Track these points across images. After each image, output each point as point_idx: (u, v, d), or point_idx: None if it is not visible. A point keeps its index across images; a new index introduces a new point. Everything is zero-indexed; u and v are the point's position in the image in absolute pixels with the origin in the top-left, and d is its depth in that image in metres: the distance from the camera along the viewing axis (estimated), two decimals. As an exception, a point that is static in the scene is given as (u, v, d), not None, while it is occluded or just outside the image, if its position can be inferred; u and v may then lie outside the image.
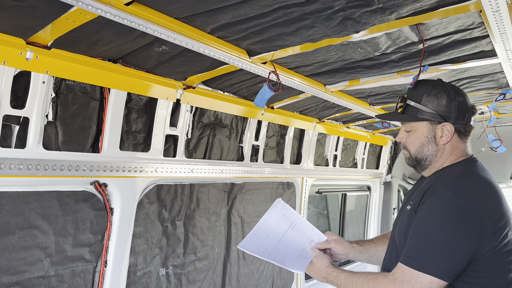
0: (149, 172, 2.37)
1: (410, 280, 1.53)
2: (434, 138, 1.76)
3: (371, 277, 1.66)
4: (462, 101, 1.76)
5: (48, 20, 1.56)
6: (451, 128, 1.75)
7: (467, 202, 1.57)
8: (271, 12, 1.60)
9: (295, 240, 1.95)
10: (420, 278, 1.52)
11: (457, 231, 1.54)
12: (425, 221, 1.61)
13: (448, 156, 1.79)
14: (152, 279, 2.51)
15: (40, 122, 1.84)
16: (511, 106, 3.60)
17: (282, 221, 1.98)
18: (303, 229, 2.01)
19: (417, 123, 1.79)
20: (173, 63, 2.09)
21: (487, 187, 1.68)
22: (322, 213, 5.60)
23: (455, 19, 1.72)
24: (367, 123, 4.20)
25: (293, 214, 2.03)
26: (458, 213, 1.56)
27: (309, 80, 2.55)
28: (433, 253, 1.54)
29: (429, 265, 1.52)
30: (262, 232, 1.90)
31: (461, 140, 1.79)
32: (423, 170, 1.85)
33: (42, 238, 1.95)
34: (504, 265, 1.62)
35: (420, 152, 1.80)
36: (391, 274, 1.61)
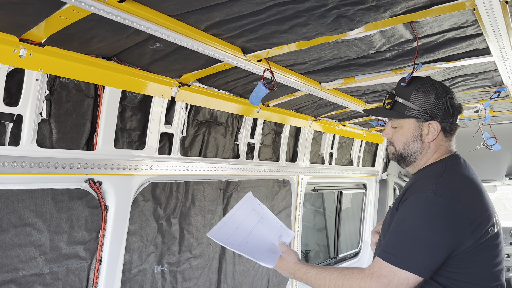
0: (144, 170, 2.36)
1: (388, 275, 1.54)
2: (420, 136, 1.78)
3: (345, 272, 1.65)
4: (450, 100, 1.77)
5: (41, 17, 1.55)
6: (437, 127, 1.76)
7: (447, 201, 1.58)
8: (265, 10, 1.60)
9: (264, 234, 1.97)
10: (397, 273, 1.54)
11: (435, 229, 1.56)
12: (404, 219, 1.63)
13: (432, 154, 1.81)
14: (147, 276, 2.51)
15: (34, 120, 1.84)
16: (506, 104, 3.61)
17: (252, 215, 1.99)
18: (272, 224, 2.03)
19: (404, 120, 1.79)
20: (167, 60, 2.09)
21: (467, 185, 1.70)
22: (319, 211, 5.61)
23: (449, 17, 1.72)
24: (363, 121, 4.21)
25: (263, 209, 2.05)
26: (437, 211, 1.58)
27: (304, 78, 2.55)
28: (412, 250, 1.55)
29: (407, 261, 1.54)
30: (231, 223, 1.91)
31: (446, 138, 1.80)
32: (407, 166, 1.87)
33: (36, 236, 1.94)
34: (486, 260, 1.64)
35: (405, 149, 1.81)
36: (367, 269, 1.61)
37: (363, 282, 1.57)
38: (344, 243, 5.33)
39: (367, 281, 1.56)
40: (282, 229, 2.03)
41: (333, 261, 4.99)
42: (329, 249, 5.27)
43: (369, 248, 5.42)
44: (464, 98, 3.27)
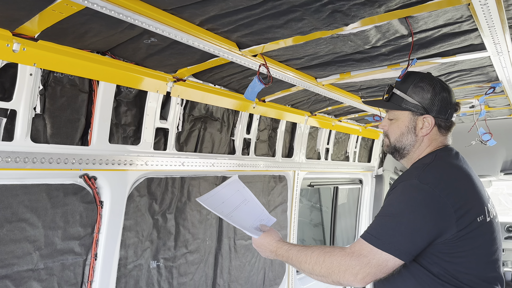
0: (139, 165, 2.36)
1: (367, 255, 1.58)
2: (414, 129, 1.82)
3: (327, 250, 1.68)
4: (447, 97, 1.81)
5: (34, 11, 1.54)
6: (431, 121, 1.80)
7: (431, 188, 1.61)
8: (260, 4, 1.59)
9: (247, 214, 2.03)
10: (377, 254, 1.57)
11: (418, 215, 1.60)
12: (389, 204, 1.68)
13: (425, 148, 1.85)
14: (143, 272, 2.52)
15: (28, 115, 1.83)
16: (501, 100, 3.62)
17: (236, 195, 2.06)
18: (255, 207, 2.09)
19: (400, 112, 1.85)
20: (162, 55, 2.08)
21: (455, 174, 1.72)
22: (315, 206, 5.63)
23: (444, 12, 1.72)
24: (359, 116, 4.21)
25: (247, 192, 2.11)
26: (421, 198, 1.62)
27: (300, 73, 2.55)
28: (394, 233, 1.59)
29: (388, 244, 1.58)
30: (217, 198, 1.99)
31: (440, 133, 1.84)
32: (401, 158, 1.91)
33: (31, 231, 1.94)
34: (478, 249, 1.66)
35: (399, 141, 1.86)
36: (348, 248, 1.65)
37: (343, 260, 1.61)
38: (340, 238, 5.35)
39: (347, 259, 1.60)
40: (264, 214, 2.09)
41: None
42: (325, 244, 5.29)
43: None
44: (459, 94, 3.28)
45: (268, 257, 1.90)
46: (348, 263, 1.59)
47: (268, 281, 3.67)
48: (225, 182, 2.08)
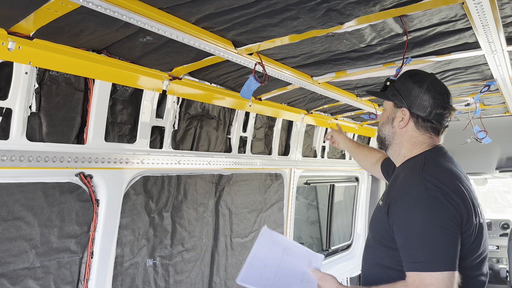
0: (135, 163, 2.36)
1: (431, 282, 1.53)
2: (393, 120, 1.87)
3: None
4: (434, 97, 1.78)
5: (29, 9, 1.54)
6: (405, 113, 1.82)
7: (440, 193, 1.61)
8: (256, 3, 1.60)
9: (293, 265, 1.85)
10: (439, 277, 1.53)
11: (445, 222, 1.58)
12: (412, 222, 1.61)
13: (406, 144, 1.84)
14: (139, 270, 2.52)
15: (23, 113, 1.83)
16: (496, 98, 3.64)
17: (275, 248, 1.87)
18: (297, 252, 1.92)
19: (386, 102, 1.92)
20: (158, 53, 2.08)
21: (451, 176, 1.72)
22: (312, 204, 5.65)
23: (438, 11, 1.73)
24: (355, 114, 4.23)
25: (283, 239, 1.95)
26: (438, 205, 1.60)
27: (296, 72, 2.56)
28: (438, 249, 1.56)
29: (440, 262, 1.54)
30: (258, 262, 1.79)
31: (418, 131, 1.82)
32: (386, 150, 1.97)
33: (27, 230, 1.94)
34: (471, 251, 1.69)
35: (381, 130, 1.94)
36: (410, 283, 1.58)
37: None
38: (336, 235, 5.37)
39: None
40: (309, 255, 1.93)
41: (325, 253, 5.03)
42: (321, 241, 5.31)
43: (361, 241, 5.47)
44: (454, 92, 3.29)
45: None
46: None
47: (264, 278, 3.68)
48: (257, 240, 1.86)
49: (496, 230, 6.48)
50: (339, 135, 2.81)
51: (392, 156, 1.95)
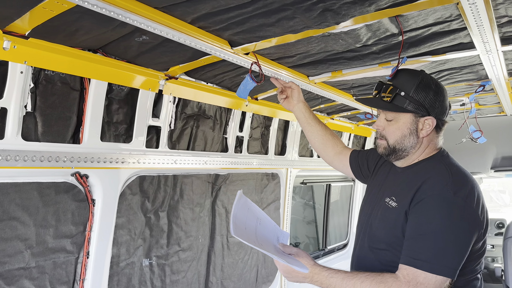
0: (131, 163, 2.36)
1: (424, 282, 1.53)
2: (416, 131, 1.78)
3: (379, 279, 1.57)
4: (445, 97, 1.81)
5: (25, 9, 1.53)
6: (433, 123, 1.78)
7: (464, 201, 1.61)
8: (251, 3, 1.60)
9: (266, 235, 1.84)
10: (433, 279, 1.53)
11: (462, 230, 1.57)
12: (430, 222, 1.60)
13: (424, 149, 1.83)
14: (135, 269, 2.52)
15: (19, 113, 1.82)
16: (491, 98, 3.66)
17: (250, 214, 1.85)
18: (268, 224, 1.90)
19: (401, 113, 1.78)
20: (154, 53, 2.08)
21: (473, 183, 1.71)
22: (308, 203, 5.66)
23: (433, 11, 1.74)
24: (351, 114, 4.24)
25: (256, 208, 1.92)
26: (460, 212, 1.59)
27: (292, 71, 2.56)
28: (444, 254, 1.55)
29: (441, 266, 1.53)
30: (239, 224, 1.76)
31: (437, 134, 1.84)
32: (397, 160, 1.86)
33: (22, 230, 1.93)
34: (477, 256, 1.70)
35: (400, 143, 1.80)
36: (401, 276, 1.57)
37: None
38: (333, 235, 5.39)
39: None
40: (277, 230, 1.92)
41: (321, 252, 5.04)
42: (318, 241, 5.32)
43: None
44: (450, 92, 3.31)
45: (298, 282, 1.73)
46: None
47: (261, 278, 3.69)
48: (234, 203, 1.82)
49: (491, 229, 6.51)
50: (299, 91, 2.34)
51: (402, 163, 1.87)
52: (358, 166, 2.22)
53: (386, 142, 1.84)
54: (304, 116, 2.35)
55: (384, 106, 1.82)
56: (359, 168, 2.22)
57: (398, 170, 1.91)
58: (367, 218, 1.92)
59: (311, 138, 2.40)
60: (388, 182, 1.93)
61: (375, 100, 1.87)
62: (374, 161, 2.12)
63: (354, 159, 2.25)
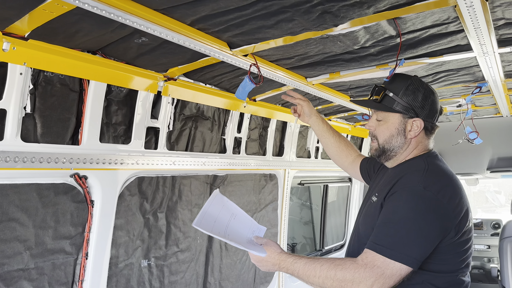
0: (130, 164, 2.36)
1: (381, 266, 1.57)
2: (404, 131, 1.85)
3: (337, 262, 1.64)
4: (434, 101, 1.87)
5: (24, 10, 1.53)
6: (420, 124, 1.84)
7: (435, 195, 1.65)
8: (251, 5, 1.61)
9: (239, 229, 1.94)
10: (390, 265, 1.57)
11: (426, 222, 1.61)
12: (395, 211, 1.67)
13: (412, 150, 1.88)
14: (134, 270, 2.52)
15: (18, 114, 1.82)
16: (487, 99, 3.69)
17: (224, 211, 1.94)
18: (244, 219, 1.99)
19: (390, 114, 1.86)
20: (153, 54, 2.08)
21: (450, 180, 1.77)
22: (305, 204, 5.67)
23: (431, 13, 1.76)
24: (348, 115, 4.25)
25: (232, 205, 2.02)
26: (428, 205, 1.64)
27: (290, 73, 2.57)
28: (404, 242, 1.59)
29: (400, 253, 1.58)
30: (208, 217, 1.86)
31: (426, 136, 1.89)
32: (387, 160, 1.92)
33: (21, 231, 1.93)
34: (461, 253, 1.73)
35: (388, 143, 1.87)
36: (360, 259, 1.62)
37: (357, 273, 1.58)
38: (330, 235, 5.40)
39: (361, 271, 1.58)
40: (254, 225, 2.01)
41: (319, 253, 5.05)
42: (315, 241, 5.33)
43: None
44: (446, 93, 3.33)
45: (269, 271, 1.79)
46: (362, 276, 1.56)
47: (258, 278, 3.70)
48: (208, 199, 1.95)
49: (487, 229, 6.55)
50: (308, 106, 2.44)
51: (391, 163, 1.93)
52: (367, 172, 2.33)
53: (377, 143, 1.91)
54: (318, 129, 2.46)
55: (374, 105, 1.90)
56: (367, 174, 2.32)
57: (388, 170, 1.98)
58: (358, 217, 2.00)
59: (326, 149, 2.53)
60: (379, 182, 1.99)
61: (368, 101, 1.95)
62: (377, 167, 2.21)
63: (363, 166, 2.36)
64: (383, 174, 2.02)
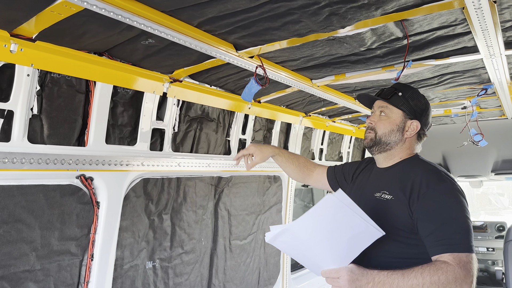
0: (135, 165, 2.36)
1: (467, 260, 1.68)
2: (403, 129, 1.98)
3: (434, 267, 1.68)
4: (430, 114, 2.05)
5: (32, 12, 1.54)
6: (417, 126, 1.98)
7: (458, 186, 1.83)
8: (258, 7, 1.61)
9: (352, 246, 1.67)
10: (469, 257, 1.69)
11: (468, 211, 1.79)
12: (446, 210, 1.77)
13: (405, 150, 2.02)
14: (139, 272, 2.52)
15: (25, 115, 1.82)
16: (492, 101, 3.67)
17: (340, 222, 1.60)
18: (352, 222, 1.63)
19: (394, 110, 1.99)
20: (159, 56, 2.08)
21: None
22: (308, 206, 5.66)
23: (439, 15, 1.75)
24: (352, 117, 4.25)
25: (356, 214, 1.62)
26: (463, 197, 1.82)
27: (295, 75, 2.57)
28: (470, 234, 1.74)
29: (470, 245, 1.71)
30: (305, 228, 1.58)
31: (417, 141, 2.04)
32: (379, 152, 2.02)
33: (27, 232, 1.93)
34: None
35: (387, 136, 1.99)
36: (453, 261, 1.68)
37: (457, 273, 1.66)
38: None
39: (460, 271, 1.66)
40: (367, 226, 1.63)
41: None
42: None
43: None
44: (452, 95, 3.32)
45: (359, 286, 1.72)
46: (459, 274, 1.65)
47: (263, 280, 3.69)
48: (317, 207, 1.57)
49: (491, 232, 6.52)
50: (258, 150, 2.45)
51: (383, 158, 2.04)
52: (335, 180, 2.40)
53: (374, 134, 2.02)
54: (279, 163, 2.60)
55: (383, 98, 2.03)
56: (336, 181, 2.39)
57: (381, 170, 2.06)
58: None
59: (291, 176, 2.64)
60: (372, 181, 2.06)
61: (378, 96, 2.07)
62: (351, 172, 2.29)
63: (330, 175, 2.45)
64: (369, 175, 2.10)
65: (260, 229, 3.63)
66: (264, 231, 3.69)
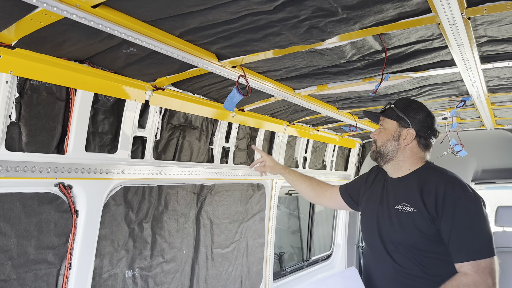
0: (115, 174, 2.35)
1: (486, 266, 1.82)
2: (398, 138, 2.12)
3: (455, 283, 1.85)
4: (429, 121, 2.14)
5: (12, 20, 1.53)
6: (412, 133, 2.11)
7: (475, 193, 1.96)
8: (239, 19, 1.63)
9: None
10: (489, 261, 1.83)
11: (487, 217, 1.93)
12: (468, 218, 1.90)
13: (409, 159, 2.12)
14: (118, 281, 2.49)
15: (3, 123, 1.80)
16: (471, 112, 3.75)
17: None
18: None
19: (389, 122, 2.17)
20: (141, 64, 2.08)
21: None
22: (293, 213, 5.68)
23: (416, 30, 1.79)
24: (335, 126, 4.29)
25: None
26: (480, 203, 1.95)
27: (278, 84, 2.59)
28: (489, 239, 1.88)
29: (491, 249, 1.86)
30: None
31: (420, 149, 2.14)
32: (385, 163, 2.18)
33: (3, 241, 1.90)
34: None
35: (384, 146, 2.15)
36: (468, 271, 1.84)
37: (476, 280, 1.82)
38: (317, 245, 5.41)
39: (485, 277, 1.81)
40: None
41: (305, 263, 5.05)
42: (302, 251, 5.33)
43: (340, 251, 5.51)
44: (432, 106, 3.38)
45: None
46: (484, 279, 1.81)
47: (245, 289, 3.68)
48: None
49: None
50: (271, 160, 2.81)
51: (391, 168, 2.18)
52: (350, 197, 2.54)
53: (375, 146, 2.22)
54: (289, 178, 2.79)
55: (380, 113, 2.25)
56: (351, 198, 2.53)
57: (394, 180, 2.17)
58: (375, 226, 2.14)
59: (303, 194, 2.80)
60: (388, 192, 2.17)
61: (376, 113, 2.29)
62: (362, 185, 2.42)
63: (344, 194, 2.58)
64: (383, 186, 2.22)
65: (242, 237, 3.62)
66: (246, 239, 3.69)
